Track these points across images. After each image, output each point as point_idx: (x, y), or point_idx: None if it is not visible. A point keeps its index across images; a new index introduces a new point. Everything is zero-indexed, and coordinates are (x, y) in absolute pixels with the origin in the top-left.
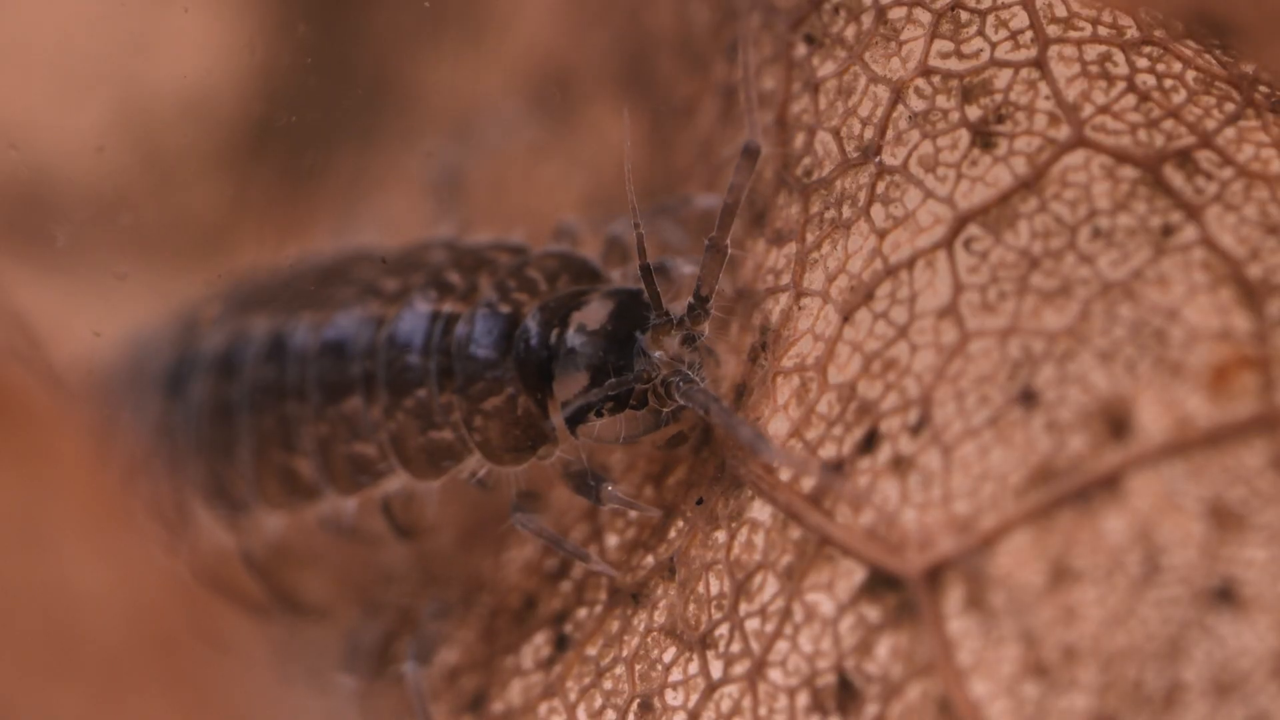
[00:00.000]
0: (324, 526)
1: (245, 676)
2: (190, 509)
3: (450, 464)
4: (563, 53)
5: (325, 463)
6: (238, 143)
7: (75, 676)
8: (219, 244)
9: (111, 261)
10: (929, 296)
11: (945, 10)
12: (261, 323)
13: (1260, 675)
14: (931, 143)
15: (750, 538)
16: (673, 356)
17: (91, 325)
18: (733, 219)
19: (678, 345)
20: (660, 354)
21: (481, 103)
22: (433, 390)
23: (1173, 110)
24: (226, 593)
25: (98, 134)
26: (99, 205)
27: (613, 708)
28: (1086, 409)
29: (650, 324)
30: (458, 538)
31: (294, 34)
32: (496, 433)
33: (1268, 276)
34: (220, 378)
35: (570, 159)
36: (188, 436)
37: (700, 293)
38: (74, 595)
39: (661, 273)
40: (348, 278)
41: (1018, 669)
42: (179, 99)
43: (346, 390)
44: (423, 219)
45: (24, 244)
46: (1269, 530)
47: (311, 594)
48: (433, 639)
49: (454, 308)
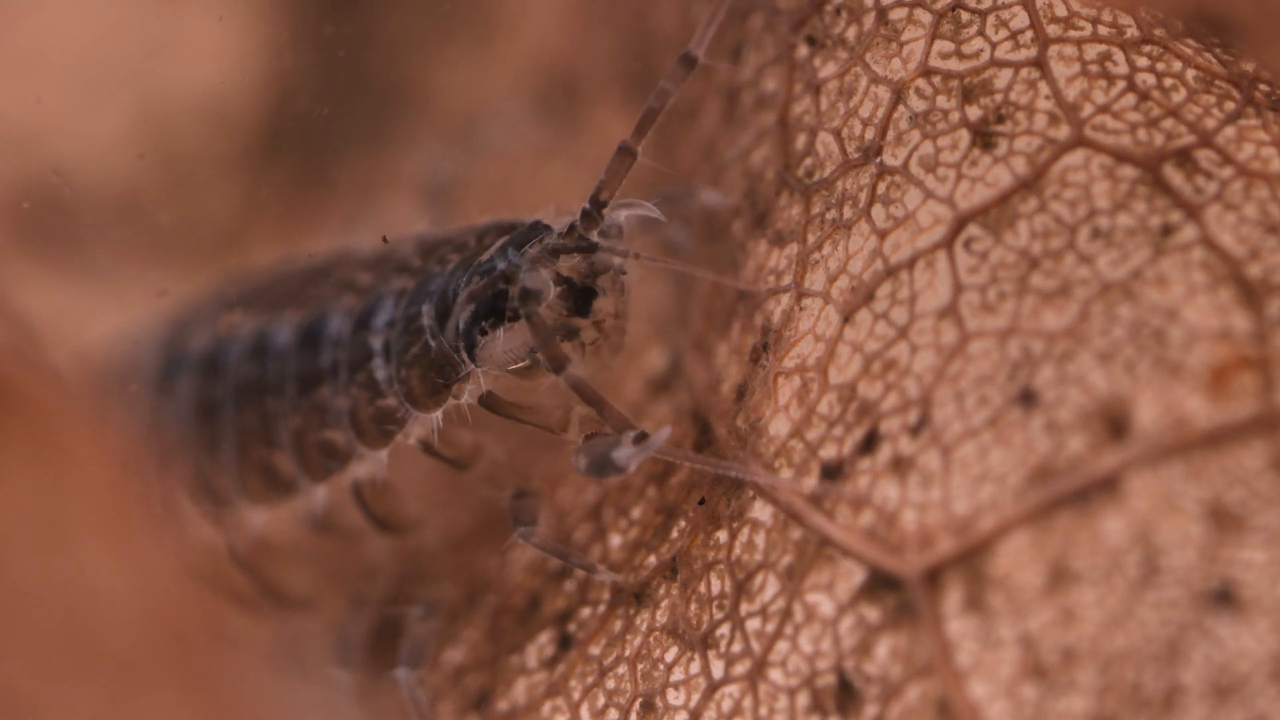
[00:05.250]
0: (306, 521)
1: (253, 672)
2: (177, 505)
3: (394, 428)
4: (569, 55)
5: (300, 453)
6: (252, 146)
7: (91, 674)
8: (233, 246)
9: (129, 263)
10: (929, 297)
11: (946, 10)
12: (248, 322)
13: (1259, 678)
14: (932, 143)
15: (751, 538)
16: (532, 259)
17: (108, 327)
18: (652, 123)
19: (544, 251)
20: (530, 256)
21: (489, 105)
22: (380, 363)
23: (1172, 109)
24: (215, 587)
25: (118, 139)
26: (116, 208)
27: (615, 707)
28: (1085, 410)
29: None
30: (447, 536)
31: (306, 39)
32: (416, 378)
33: (1267, 276)
34: (206, 376)
35: (575, 160)
36: (175, 434)
37: (597, 196)
38: (91, 594)
39: (678, 201)
40: (330, 277)
41: (1016, 670)
42: (195, 103)
43: (318, 380)
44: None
45: (42, 246)
46: (1268, 532)
47: (297, 588)
48: (423, 641)
49: (406, 285)
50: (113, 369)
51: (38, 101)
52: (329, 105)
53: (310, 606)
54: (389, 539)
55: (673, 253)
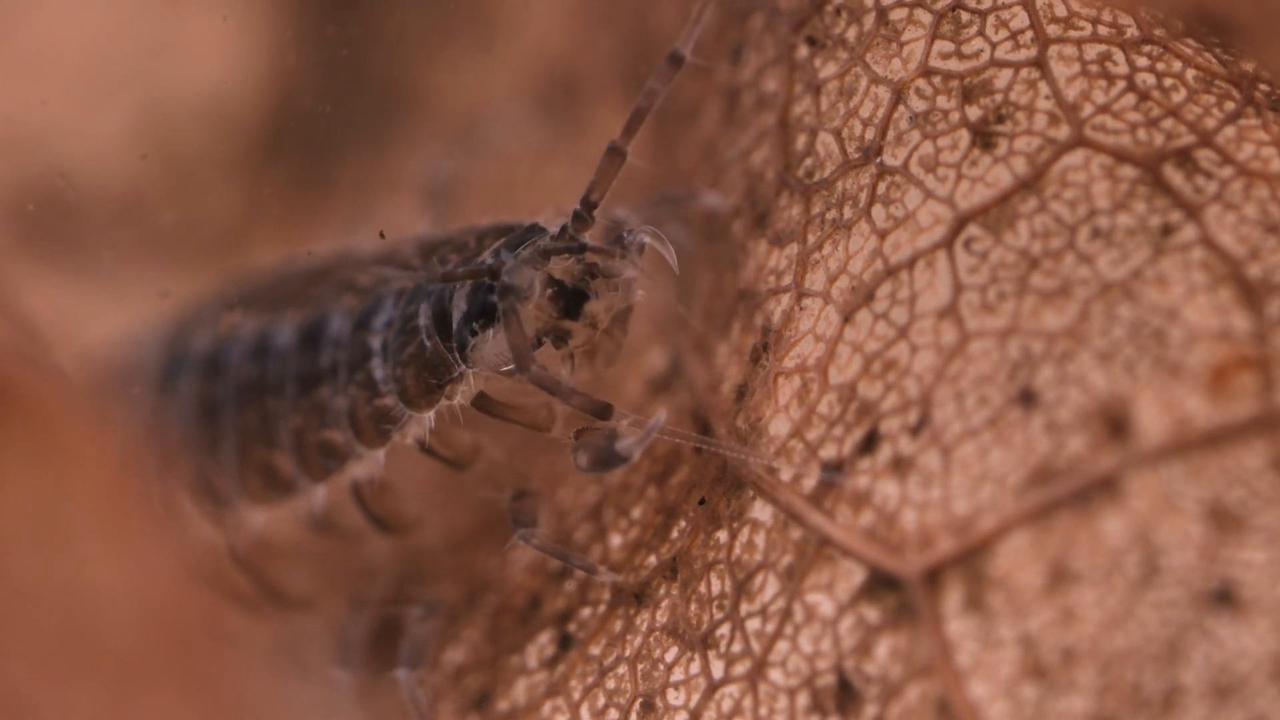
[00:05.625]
0: (306, 521)
1: (253, 672)
2: (178, 505)
3: (390, 427)
4: (570, 56)
5: (300, 453)
6: (253, 146)
7: (92, 674)
8: (234, 246)
9: (131, 263)
10: (929, 297)
11: (946, 11)
12: (249, 322)
13: (1259, 678)
14: (932, 143)
15: (751, 538)
16: (522, 260)
17: (110, 327)
18: (641, 123)
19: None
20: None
21: (490, 105)
22: (378, 362)
23: (1172, 109)
24: (216, 587)
25: (120, 139)
26: (119, 208)
27: (615, 707)
28: (1085, 410)
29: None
30: (447, 536)
31: (308, 39)
32: (411, 378)
33: (1267, 276)
34: (207, 376)
35: (576, 161)
36: (176, 434)
37: (588, 198)
38: (91, 594)
39: (678, 203)
40: (331, 277)
41: (1016, 670)
42: (197, 104)
43: (317, 380)
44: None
45: (45, 246)
46: (1268, 532)
47: (297, 588)
48: (423, 642)
49: (405, 285)
50: (115, 369)
51: (42, 104)
52: (330, 106)
53: (310, 606)
54: (389, 539)
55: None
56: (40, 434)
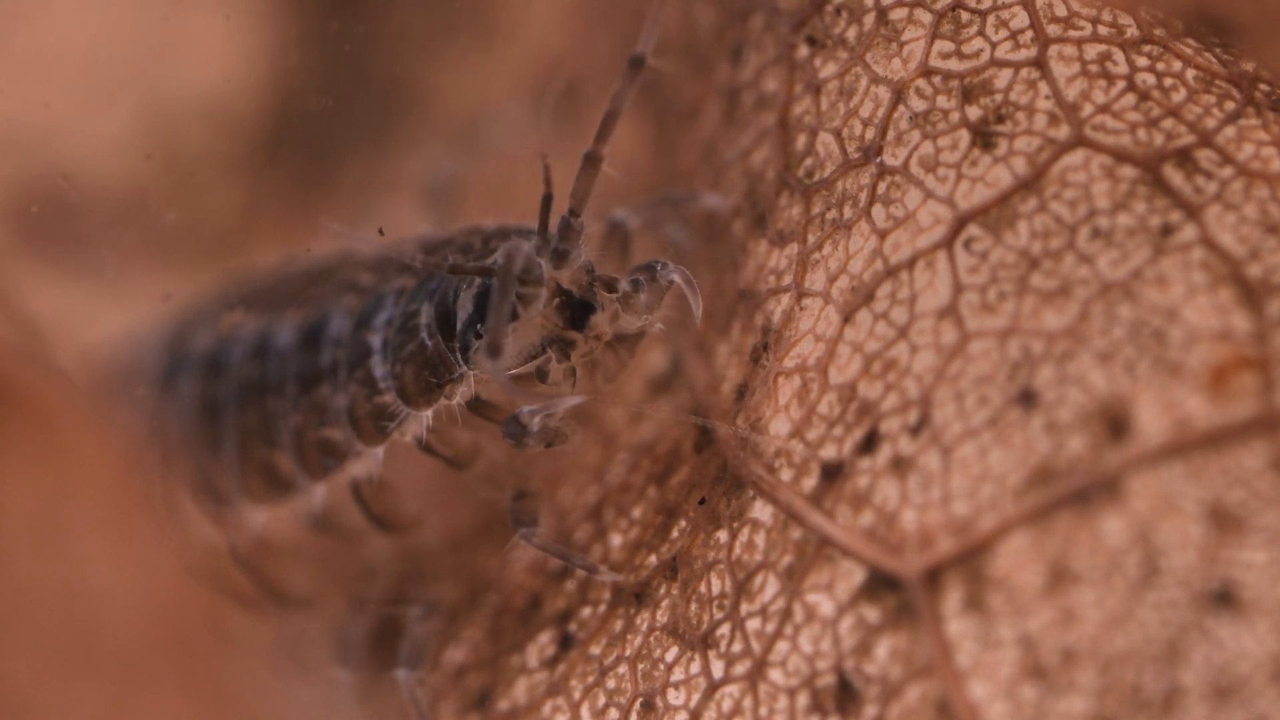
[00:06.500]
0: (306, 521)
1: (253, 672)
2: (179, 505)
3: (389, 424)
4: (571, 56)
5: (300, 451)
6: (255, 146)
7: (93, 673)
8: (235, 246)
9: (133, 263)
10: (929, 297)
11: (946, 10)
12: (250, 322)
13: (1259, 679)
14: (932, 143)
15: (751, 538)
16: (521, 266)
17: (112, 327)
18: (612, 128)
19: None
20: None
21: (491, 106)
22: (378, 360)
23: (1172, 109)
24: (217, 587)
25: (122, 140)
26: (121, 208)
27: (616, 707)
28: (1085, 410)
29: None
30: (447, 536)
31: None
32: (410, 375)
33: (1267, 276)
34: (209, 376)
35: (577, 160)
36: (177, 433)
37: (572, 207)
38: (92, 593)
39: (679, 203)
40: (332, 277)
41: (1016, 671)
42: (199, 104)
43: (317, 379)
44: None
45: (47, 246)
46: (1268, 532)
47: (298, 587)
48: (423, 641)
49: (406, 284)
50: (116, 369)
51: (45, 105)
52: (331, 106)
53: (311, 606)
54: (389, 538)
55: (670, 248)
56: (41, 433)
